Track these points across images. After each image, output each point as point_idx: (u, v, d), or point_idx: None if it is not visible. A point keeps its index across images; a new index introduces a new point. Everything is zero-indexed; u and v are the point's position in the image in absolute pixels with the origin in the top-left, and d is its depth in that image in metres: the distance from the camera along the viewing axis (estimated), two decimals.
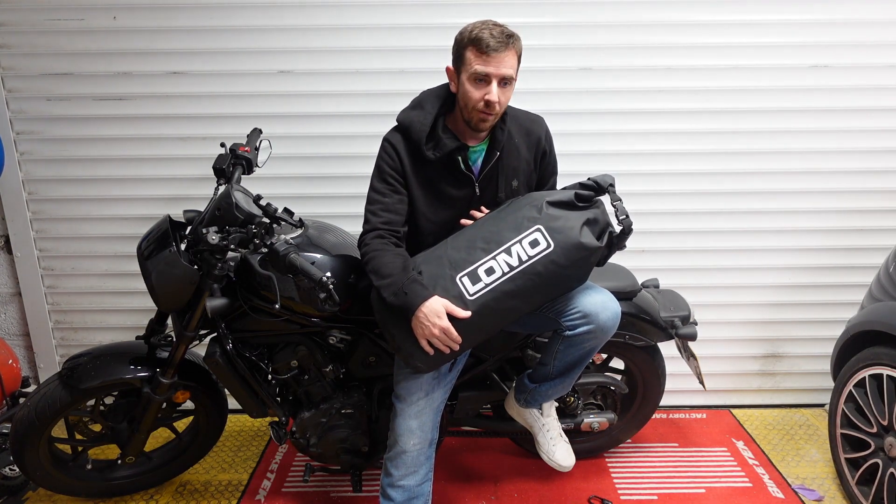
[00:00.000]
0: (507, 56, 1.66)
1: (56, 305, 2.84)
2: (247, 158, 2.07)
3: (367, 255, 1.76)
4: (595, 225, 1.69)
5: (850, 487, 2.25)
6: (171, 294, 1.91)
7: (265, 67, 2.56)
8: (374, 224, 1.79)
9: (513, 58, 1.68)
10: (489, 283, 1.65)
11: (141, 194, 2.70)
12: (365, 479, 2.31)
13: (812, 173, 2.70)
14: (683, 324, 2.25)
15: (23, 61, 2.54)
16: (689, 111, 2.63)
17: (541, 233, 1.65)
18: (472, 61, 1.67)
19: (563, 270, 1.66)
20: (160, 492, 2.35)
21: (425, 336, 1.65)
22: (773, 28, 2.54)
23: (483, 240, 1.68)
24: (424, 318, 1.63)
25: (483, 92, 1.68)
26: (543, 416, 2.09)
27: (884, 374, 2.08)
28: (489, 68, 1.66)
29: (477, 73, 1.67)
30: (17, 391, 2.46)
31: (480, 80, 1.68)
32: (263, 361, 2.05)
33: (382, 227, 1.79)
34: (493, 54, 1.64)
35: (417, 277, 1.68)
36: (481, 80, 1.68)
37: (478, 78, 1.68)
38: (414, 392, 1.83)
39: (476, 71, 1.67)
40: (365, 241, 1.79)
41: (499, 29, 1.65)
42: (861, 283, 2.71)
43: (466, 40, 1.68)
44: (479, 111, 1.71)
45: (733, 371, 2.94)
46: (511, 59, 1.67)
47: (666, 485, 2.38)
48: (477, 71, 1.66)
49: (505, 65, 1.66)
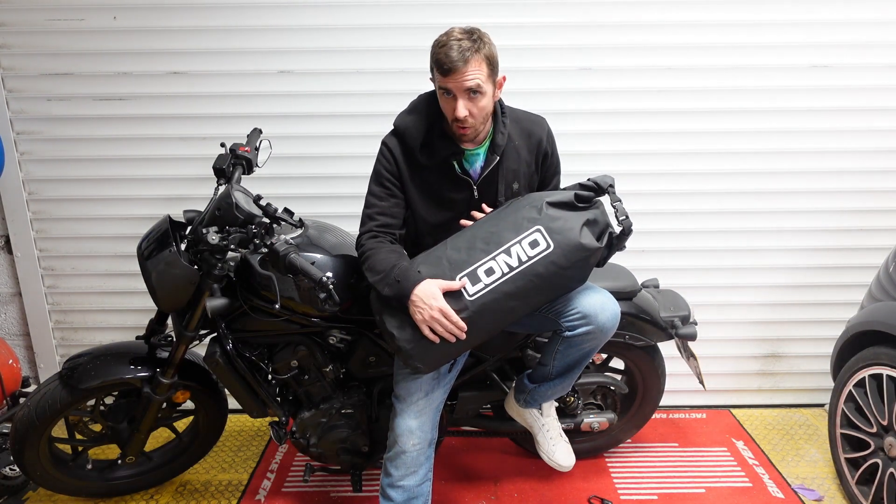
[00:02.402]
0: (468, 69, 1.62)
1: (56, 305, 2.84)
2: (247, 158, 2.07)
3: (363, 254, 1.78)
4: (595, 225, 1.70)
5: (850, 487, 2.25)
6: (171, 294, 1.91)
7: (265, 67, 2.56)
8: (369, 227, 1.81)
9: (477, 67, 1.64)
10: (489, 284, 1.64)
11: (141, 194, 2.70)
12: (365, 479, 2.31)
13: (812, 173, 2.70)
14: (683, 324, 2.26)
15: (23, 61, 2.54)
16: (688, 111, 2.63)
17: (540, 233, 1.65)
18: (438, 79, 1.69)
19: (563, 271, 1.66)
20: (160, 492, 2.35)
21: (425, 321, 1.62)
22: (773, 28, 2.54)
23: (483, 240, 1.68)
24: (420, 302, 1.62)
25: (451, 106, 1.69)
26: (543, 416, 2.09)
27: (884, 374, 2.09)
28: (449, 84, 1.66)
29: (442, 89, 1.69)
30: (18, 391, 2.46)
31: (448, 94, 1.69)
32: (263, 361, 2.05)
33: (378, 229, 1.81)
34: (451, 73, 1.64)
35: (409, 265, 1.68)
36: (448, 94, 1.69)
37: (445, 93, 1.69)
38: (414, 392, 1.84)
39: (441, 87, 1.69)
40: (361, 241, 1.81)
41: (458, 44, 1.62)
42: (861, 283, 2.71)
43: (432, 59, 1.68)
44: (455, 124, 1.72)
45: (733, 371, 2.94)
46: (475, 68, 1.63)
47: (666, 485, 2.38)
48: (441, 87, 1.69)
49: (467, 78, 1.63)
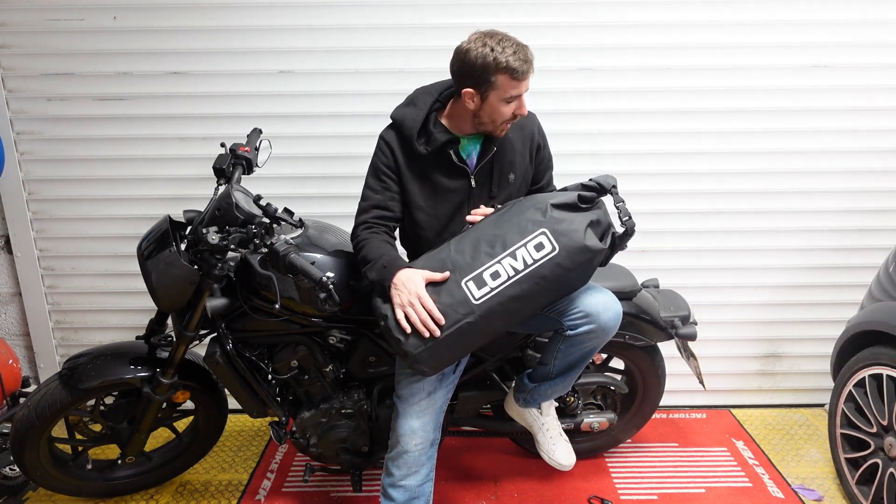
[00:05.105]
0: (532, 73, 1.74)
1: (56, 305, 2.84)
2: (247, 158, 2.07)
3: (358, 244, 1.83)
4: (598, 226, 1.70)
5: (850, 487, 2.25)
6: (171, 294, 1.90)
7: (265, 67, 2.56)
8: (364, 218, 1.86)
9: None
10: (495, 288, 1.65)
11: (141, 194, 2.70)
12: (365, 479, 2.31)
13: (812, 173, 2.70)
14: (683, 324, 2.26)
15: (23, 61, 2.54)
16: (688, 111, 2.63)
17: (546, 236, 1.65)
18: (507, 87, 1.70)
19: (567, 273, 1.66)
20: (160, 492, 2.35)
21: (402, 305, 1.64)
22: (774, 28, 2.54)
23: (488, 243, 1.68)
24: (401, 285, 1.65)
25: (513, 107, 1.75)
26: (542, 415, 2.09)
27: (884, 374, 2.09)
28: (522, 88, 1.73)
29: (512, 97, 1.73)
30: (18, 391, 2.46)
31: (512, 100, 1.74)
32: (263, 361, 2.05)
33: (373, 220, 1.85)
34: (525, 78, 1.71)
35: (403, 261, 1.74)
36: (513, 100, 1.74)
37: (511, 99, 1.74)
38: (416, 392, 1.84)
39: (512, 95, 1.73)
40: (356, 233, 1.86)
41: (522, 52, 1.69)
42: (861, 283, 2.71)
43: (494, 67, 1.67)
44: (507, 122, 1.79)
45: (733, 371, 2.94)
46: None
47: (666, 485, 2.38)
48: (513, 95, 1.73)
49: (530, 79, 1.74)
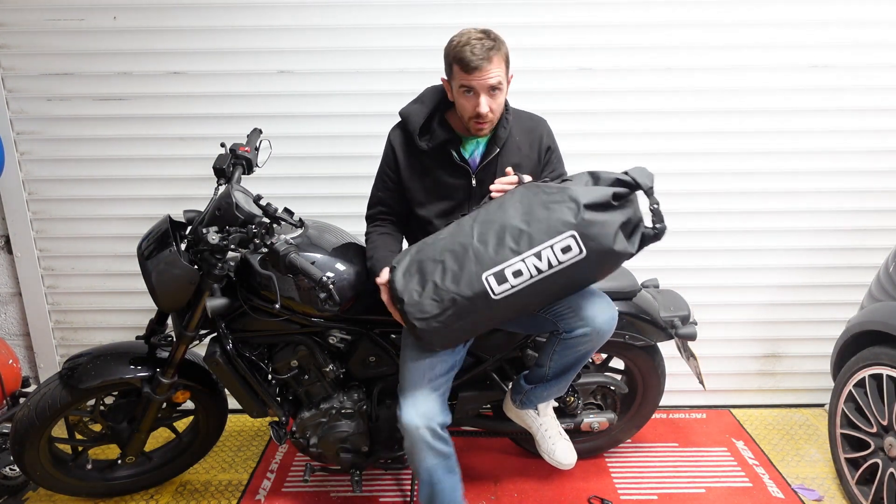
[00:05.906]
0: (491, 67, 1.70)
1: (56, 305, 2.84)
2: (247, 158, 2.07)
3: (365, 241, 1.98)
4: (628, 226, 1.65)
5: (850, 487, 2.25)
6: (171, 294, 1.90)
7: (265, 67, 2.56)
8: (369, 213, 2.02)
9: (498, 65, 1.72)
10: (515, 285, 1.63)
11: (141, 194, 2.70)
12: (365, 479, 2.31)
13: (812, 173, 2.70)
14: (683, 324, 2.25)
15: (23, 61, 2.54)
16: (688, 111, 2.63)
17: (574, 239, 1.60)
18: (459, 77, 1.73)
19: (589, 273, 1.66)
20: (160, 492, 2.35)
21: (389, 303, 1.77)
22: (773, 28, 2.54)
23: (513, 238, 1.63)
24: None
25: (473, 104, 1.74)
26: (540, 416, 2.09)
27: (884, 374, 2.09)
28: (474, 83, 1.72)
29: (464, 87, 1.73)
30: (18, 391, 2.46)
31: (469, 92, 1.74)
32: (263, 361, 2.05)
33: (379, 216, 2.00)
34: (475, 71, 1.69)
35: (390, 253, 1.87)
36: (469, 91, 1.74)
37: (466, 91, 1.74)
38: (417, 380, 1.82)
39: (463, 85, 1.73)
40: (367, 231, 2.00)
41: (480, 43, 1.69)
42: (861, 283, 2.71)
43: (451, 57, 1.73)
44: (473, 120, 1.78)
45: (733, 371, 2.94)
46: (496, 67, 1.71)
47: (666, 485, 2.38)
48: (464, 85, 1.73)
49: (489, 76, 1.70)
